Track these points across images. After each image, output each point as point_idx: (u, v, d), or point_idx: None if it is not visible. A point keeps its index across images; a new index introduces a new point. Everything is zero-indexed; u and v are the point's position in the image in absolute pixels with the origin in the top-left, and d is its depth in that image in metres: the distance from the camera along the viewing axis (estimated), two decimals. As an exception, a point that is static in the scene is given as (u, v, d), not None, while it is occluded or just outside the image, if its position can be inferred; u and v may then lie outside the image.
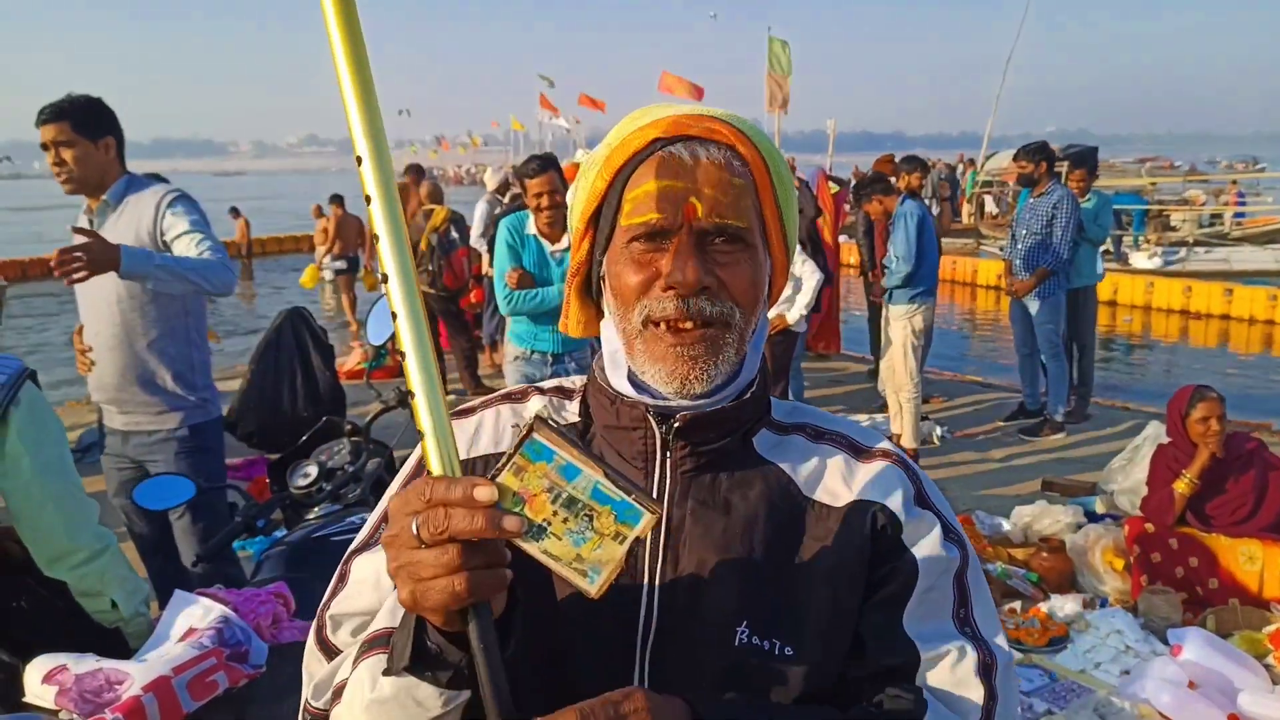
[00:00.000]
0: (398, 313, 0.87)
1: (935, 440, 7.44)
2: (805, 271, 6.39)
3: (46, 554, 2.56)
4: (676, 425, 1.06)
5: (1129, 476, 5.36)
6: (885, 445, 1.15)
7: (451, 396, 8.53)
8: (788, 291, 6.44)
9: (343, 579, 1.13)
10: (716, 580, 1.03)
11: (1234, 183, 25.31)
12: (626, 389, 1.08)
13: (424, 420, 0.87)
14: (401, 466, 1.23)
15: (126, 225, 3.45)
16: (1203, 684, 3.47)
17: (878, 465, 1.12)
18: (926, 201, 8.92)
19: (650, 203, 1.01)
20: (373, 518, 1.18)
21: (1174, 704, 3.36)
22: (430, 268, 8.41)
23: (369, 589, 1.10)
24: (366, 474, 3.40)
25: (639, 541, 0.87)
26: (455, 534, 0.82)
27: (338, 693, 1.02)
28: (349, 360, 9.61)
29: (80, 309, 3.54)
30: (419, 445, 0.91)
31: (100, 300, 3.47)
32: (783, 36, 14.78)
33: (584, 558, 0.87)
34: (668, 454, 1.08)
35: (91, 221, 3.50)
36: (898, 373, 7.08)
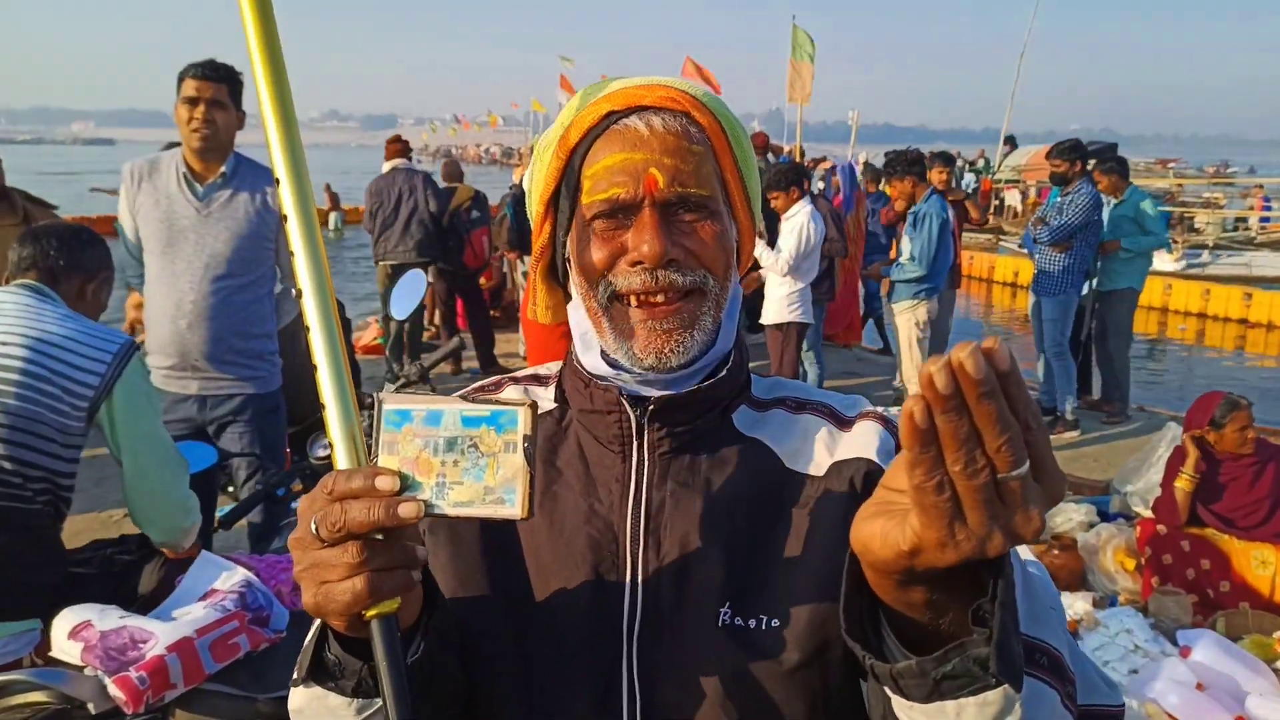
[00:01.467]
0: (311, 326, 0.88)
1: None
2: (792, 220, 6.37)
3: (154, 519, 2.64)
4: (652, 408, 1.04)
5: (1143, 478, 5.35)
6: (866, 409, 1.12)
7: (465, 374, 8.56)
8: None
9: None
10: (699, 563, 1.01)
11: (1260, 186, 25.11)
12: (601, 368, 1.05)
13: (333, 429, 0.87)
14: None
15: (242, 206, 3.60)
16: (1211, 686, 3.47)
17: (858, 428, 1.09)
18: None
19: (610, 177, 0.99)
20: None
21: (1182, 705, 3.36)
22: (450, 244, 8.43)
23: None
24: (384, 446, 3.43)
25: (530, 441, 0.84)
26: (353, 528, 0.79)
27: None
28: (364, 335, 9.66)
29: (159, 279, 3.59)
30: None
31: (198, 271, 3.54)
32: (807, 26, 14.70)
33: (492, 487, 0.84)
34: (644, 437, 1.05)
35: (193, 190, 3.58)
36: (905, 367, 7.08)
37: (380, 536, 0.80)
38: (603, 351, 1.05)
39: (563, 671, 1.00)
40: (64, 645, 2.17)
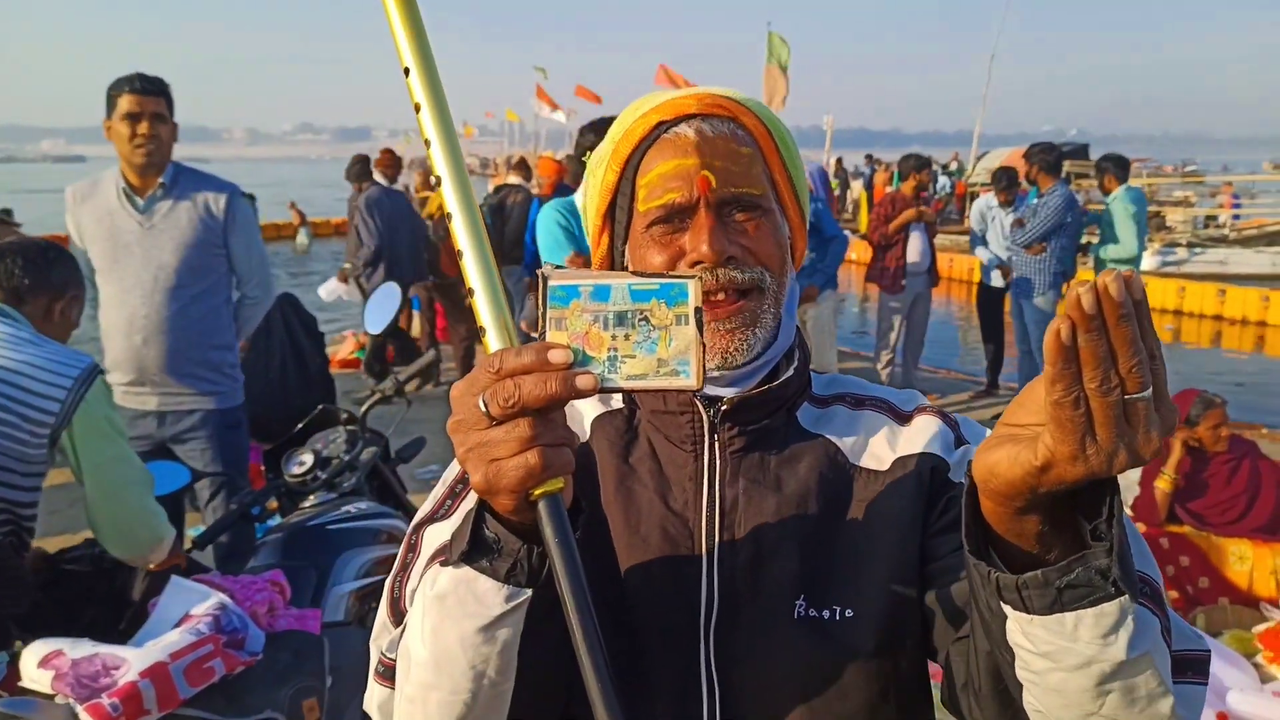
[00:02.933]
0: (453, 212, 0.88)
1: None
2: None
3: (118, 541, 2.59)
4: (724, 408, 1.07)
5: (1123, 475, 5.39)
6: (922, 402, 1.18)
7: (445, 385, 8.51)
8: None
9: (413, 549, 1.10)
10: (772, 556, 1.05)
11: (1228, 184, 25.42)
12: None
13: (484, 314, 0.87)
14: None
15: (185, 215, 3.56)
16: (1192, 682, 3.49)
17: (917, 422, 1.14)
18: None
19: (664, 184, 1.03)
20: (437, 491, 1.16)
21: (1164, 702, 3.38)
22: (427, 256, 8.40)
23: None
24: (361, 463, 3.40)
25: (699, 312, 0.85)
26: (527, 404, 0.78)
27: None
28: (341, 349, 9.59)
29: (113, 294, 3.55)
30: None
31: (147, 284, 3.51)
32: (782, 32, 14.77)
33: (665, 359, 0.84)
34: (715, 436, 1.09)
35: (133, 204, 3.54)
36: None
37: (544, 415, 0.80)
38: None
39: (641, 664, 1.03)
40: (34, 674, 2.13)
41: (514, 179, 10.06)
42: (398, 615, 1.06)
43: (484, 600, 0.87)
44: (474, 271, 0.87)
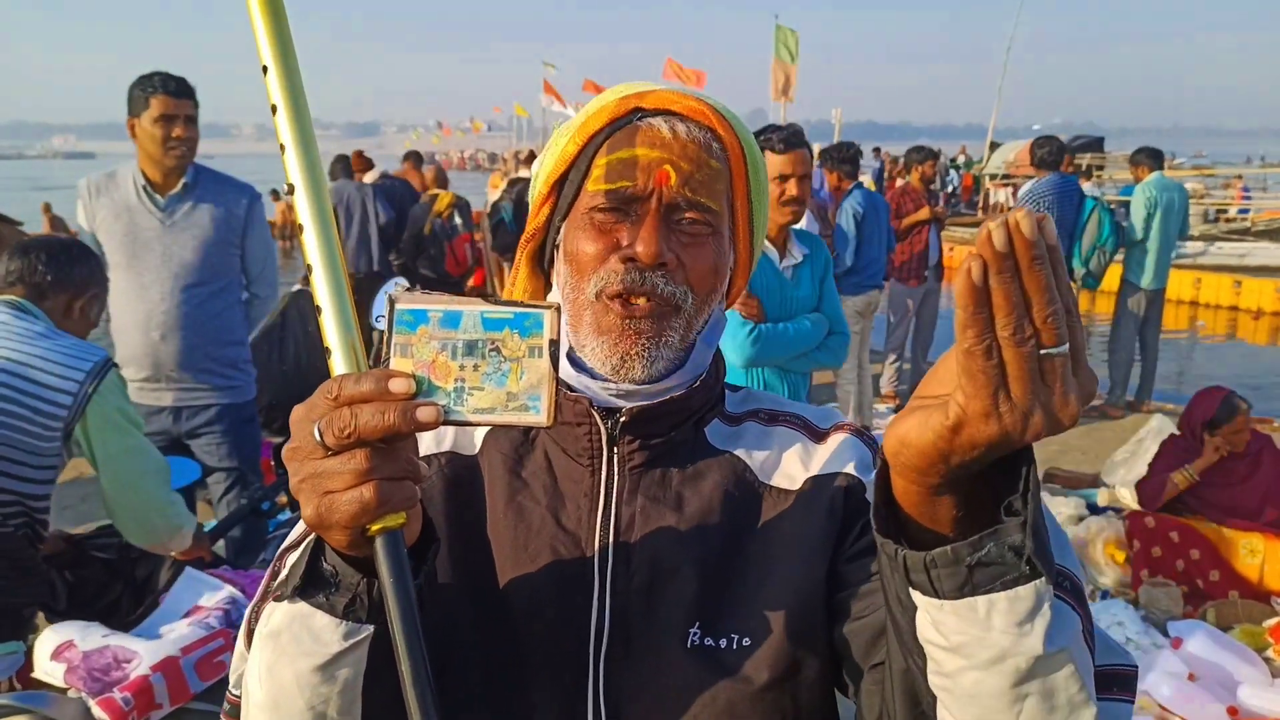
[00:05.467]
0: (305, 225, 0.83)
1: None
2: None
3: (136, 531, 2.61)
4: (623, 420, 1.01)
5: (1131, 470, 5.36)
6: (840, 420, 1.11)
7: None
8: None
9: (275, 576, 1.00)
10: (669, 581, 0.98)
11: (1239, 177, 25.29)
12: (566, 369, 1.02)
13: (330, 336, 0.81)
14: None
15: (207, 215, 3.61)
16: (1203, 677, 3.48)
17: (833, 440, 1.08)
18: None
19: (622, 169, 0.98)
20: None
21: (1174, 696, 3.37)
22: (432, 252, 8.42)
23: None
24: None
25: (555, 345, 0.80)
26: (363, 435, 0.73)
27: None
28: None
29: (126, 292, 3.57)
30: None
31: (166, 281, 3.55)
32: (790, 24, 14.72)
33: (515, 393, 0.79)
34: (614, 450, 1.02)
35: (154, 201, 3.57)
36: None
37: (384, 446, 0.75)
38: (570, 351, 1.02)
39: (528, 690, 0.97)
40: (47, 667, 2.15)
41: (526, 172, 10.09)
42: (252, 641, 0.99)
43: (320, 638, 0.82)
44: (323, 288, 0.81)
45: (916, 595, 0.74)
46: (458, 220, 8.56)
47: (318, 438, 0.75)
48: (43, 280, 2.60)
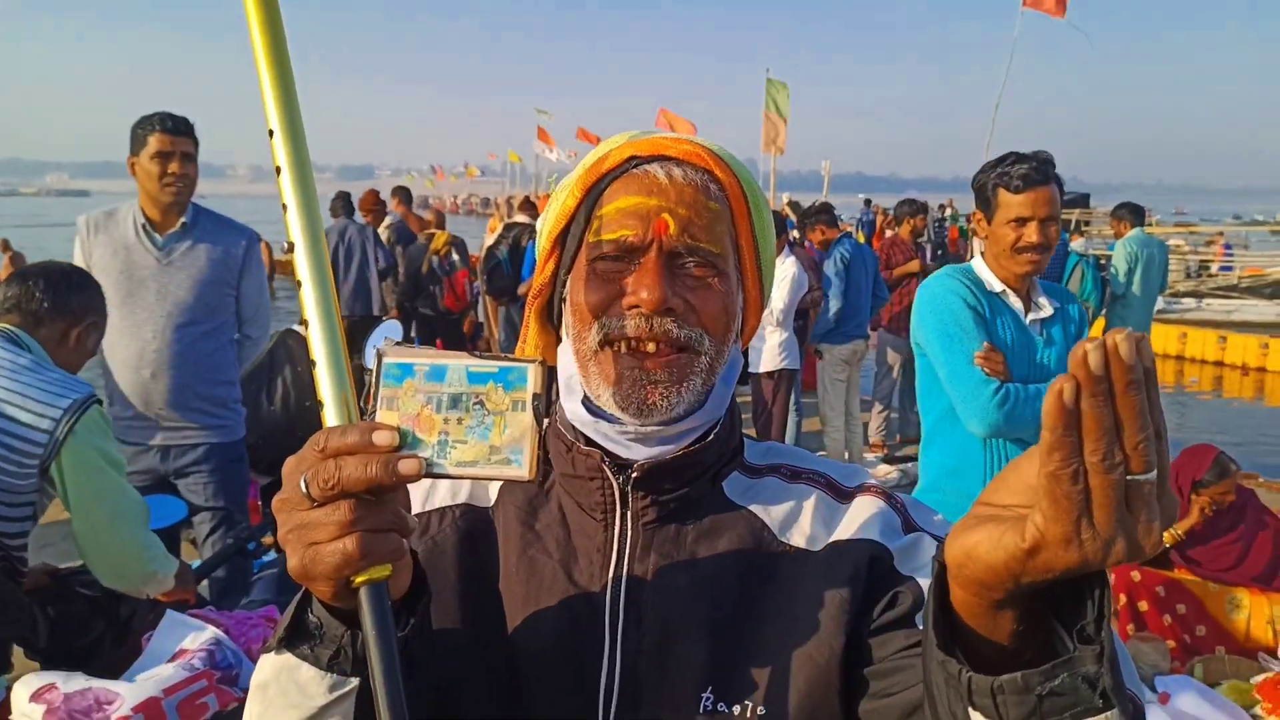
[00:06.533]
0: (303, 281, 0.84)
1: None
2: (782, 270, 6.27)
3: (108, 574, 2.57)
4: (635, 475, 0.99)
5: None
6: (867, 480, 1.08)
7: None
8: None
9: None
10: (681, 642, 0.96)
11: (1220, 234, 25.67)
12: (582, 415, 1.01)
13: (324, 388, 0.82)
14: None
15: (204, 255, 3.63)
16: (1190, 733, 3.46)
17: (859, 503, 1.04)
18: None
19: (620, 219, 0.97)
20: None
21: (1162, 752, 3.35)
22: (433, 289, 8.50)
23: None
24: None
25: (538, 399, 0.80)
26: (348, 486, 0.74)
27: None
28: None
29: (120, 329, 3.55)
30: None
31: (160, 320, 3.56)
32: (780, 77, 14.96)
33: (498, 446, 0.80)
34: (628, 505, 1.00)
35: (152, 240, 3.59)
36: (820, 404, 7.36)
37: (371, 498, 0.76)
38: (585, 398, 1.01)
39: None
40: (26, 709, 2.11)
41: (522, 217, 10.19)
42: None
43: (306, 690, 0.82)
44: (319, 343, 0.83)
45: (976, 715, 0.71)
46: (455, 257, 8.66)
47: (304, 489, 0.75)
48: (39, 307, 2.58)
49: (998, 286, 2.88)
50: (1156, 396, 0.60)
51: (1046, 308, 2.95)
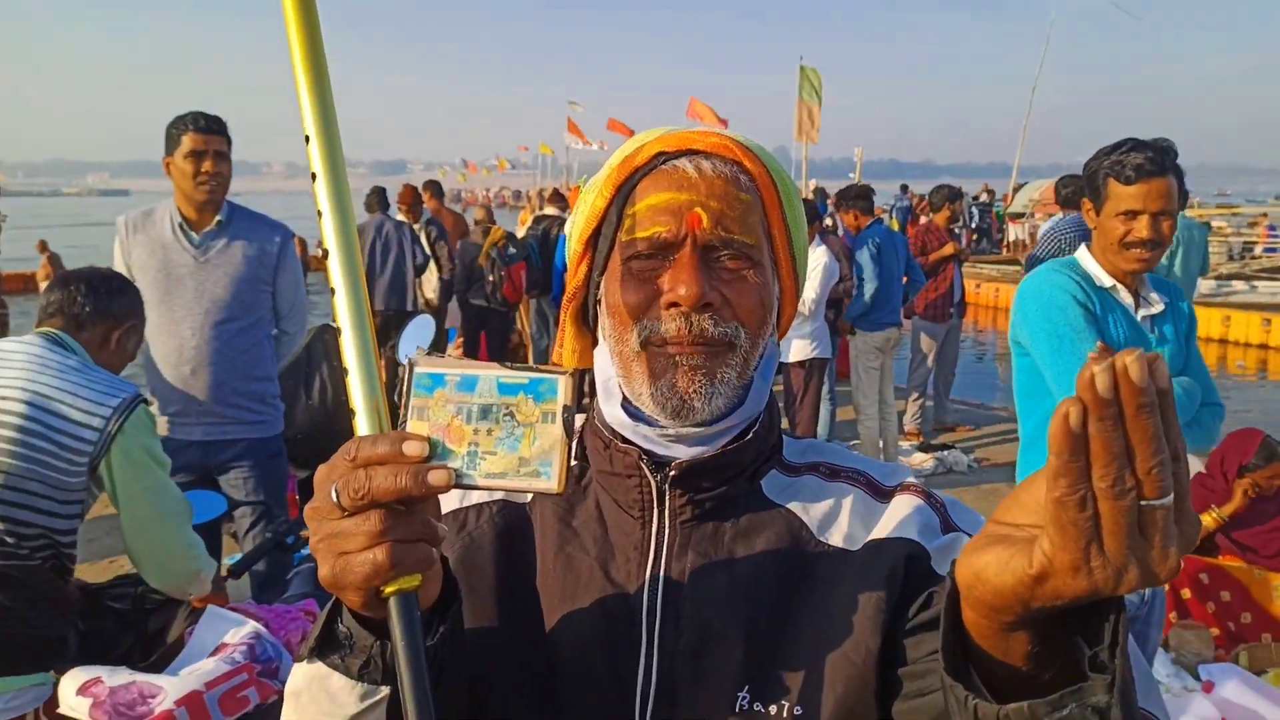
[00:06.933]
0: (336, 288, 0.84)
1: (964, 468, 7.40)
2: (813, 259, 6.27)
3: (155, 572, 2.62)
4: (672, 474, 0.99)
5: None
6: (907, 479, 1.07)
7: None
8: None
9: None
10: (719, 641, 0.95)
11: (1265, 215, 25.13)
12: (620, 418, 1.01)
13: (356, 397, 0.82)
14: None
15: (240, 252, 3.69)
16: (1235, 722, 3.41)
17: (898, 502, 1.03)
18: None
19: (653, 216, 0.96)
20: None
21: (1206, 742, 3.30)
22: (492, 278, 8.64)
23: None
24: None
25: (568, 410, 0.80)
26: (377, 496, 0.74)
27: None
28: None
29: (159, 327, 3.62)
30: None
31: (198, 317, 3.62)
32: (814, 64, 14.86)
33: (527, 458, 0.80)
34: (665, 503, 1.00)
35: (189, 238, 3.65)
36: (853, 393, 7.34)
37: (402, 508, 0.76)
38: (624, 401, 1.01)
39: None
40: (72, 702, 2.16)
41: (551, 210, 10.23)
42: None
43: (337, 699, 0.83)
44: (351, 351, 0.83)
45: None
46: (511, 250, 8.78)
47: (335, 499, 0.76)
48: (81, 311, 2.64)
49: (1107, 281, 2.71)
50: (1174, 418, 0.57)
51: (1157, 303, 2.79)
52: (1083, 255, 2.78)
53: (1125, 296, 2.72)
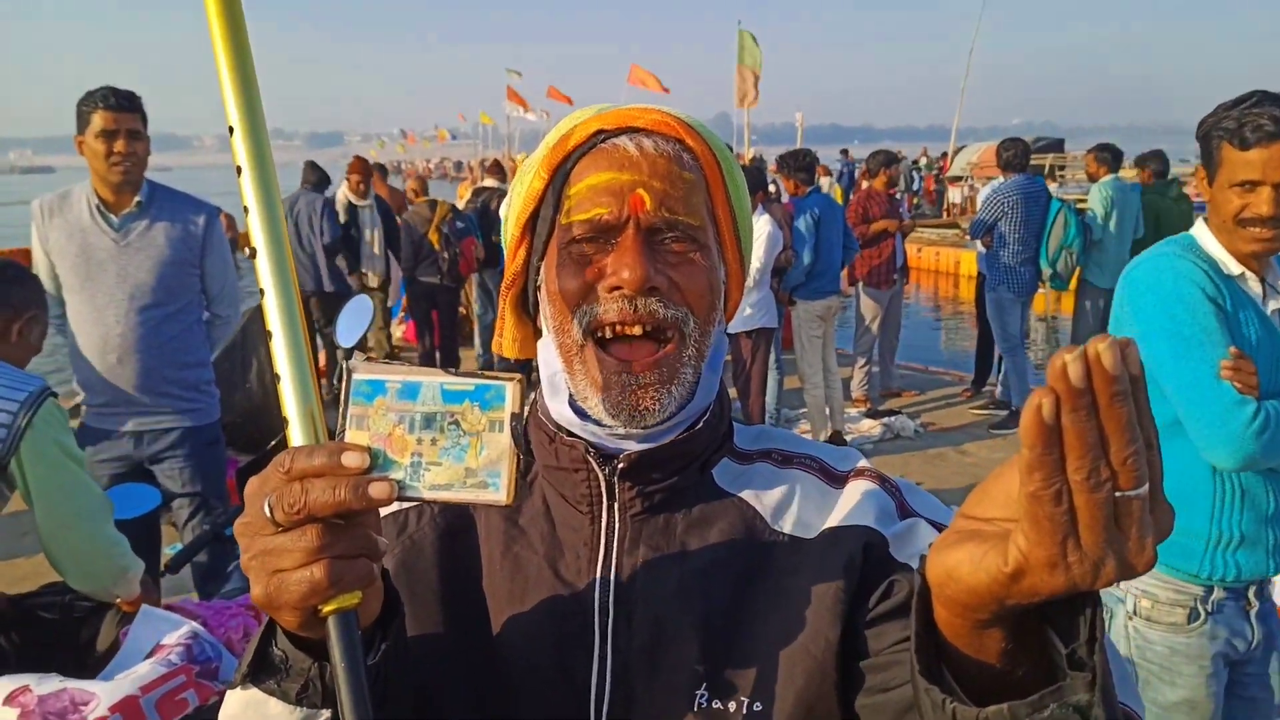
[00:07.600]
0: (266, 289, 0.80)
1: (911, 434, 7.48)
2: (757, 227, 6.22)
3: (77, 574, 2.49)
4: (621, 466, 0.96)
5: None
6: (860, 464, 1.04)
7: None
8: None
9: None
10: (673, 638, 0.92)
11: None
12: (568, 416, 0.97)
13: (289, 405, 0.78)
14: None
15: (162, 234, 3.53)
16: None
17: (852, 487, 1.01)
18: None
19: (593, 197, 0.92)
20: None
21: None
22: (447, 255, 8.53)
23: None
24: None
25: (516, 419, 0.76)
26: (314, 511, 0.70)
27: None
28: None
29: (82, 315, 3.49)
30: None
31: (122, 303, 3.47)
32: (752, 29, 14.80)
33: (474, 469, 0.76)
34: (614, 497, 0.97)
35: (108, 220, 3.49)
36: (798, 363, 7.34)
37: (340, 521, 0.72)
38: (571, 398, 0.96)
39: None
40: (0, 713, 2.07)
41: (490, 181, 10.06)
42: None
43: None
44: (283, 356, 0.79)
45: None
46: (460, 224, 8.65)
47: (268, 513, 0.71)
48: None
49: (1235, 269, 2.22)
50: (1146, 404, 0.55)
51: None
52: (1201, 233, 2.29)
53: (1254, 286, 2.25)
